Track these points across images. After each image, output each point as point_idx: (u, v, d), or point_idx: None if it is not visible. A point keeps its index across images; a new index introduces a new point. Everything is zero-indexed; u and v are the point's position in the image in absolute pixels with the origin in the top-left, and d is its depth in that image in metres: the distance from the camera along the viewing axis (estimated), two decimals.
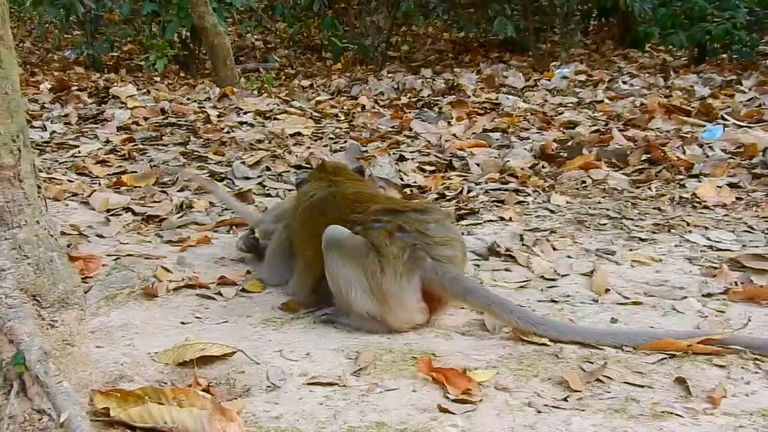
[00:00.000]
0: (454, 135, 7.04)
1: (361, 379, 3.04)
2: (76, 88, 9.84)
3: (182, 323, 3.63)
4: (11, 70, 2.74)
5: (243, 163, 6.09)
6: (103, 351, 3.33)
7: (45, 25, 15.45)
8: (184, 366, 3.20)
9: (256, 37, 13.82)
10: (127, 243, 4.69)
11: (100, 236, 4.80)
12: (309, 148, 6.51)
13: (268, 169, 6.03)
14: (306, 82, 10.33)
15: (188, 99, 8.50)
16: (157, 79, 10.35)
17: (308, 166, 6.06)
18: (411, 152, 6.46)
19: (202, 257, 4.37)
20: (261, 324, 3.60)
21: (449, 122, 7.53)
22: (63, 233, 4.82)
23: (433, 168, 6.07)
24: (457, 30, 13.36)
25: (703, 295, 3.96)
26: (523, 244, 4.55)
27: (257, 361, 3.23)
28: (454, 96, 9.02)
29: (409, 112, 7.97)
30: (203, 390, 3.02)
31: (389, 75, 10.32)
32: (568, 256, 4.46)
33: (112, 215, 5.16)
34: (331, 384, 3.00)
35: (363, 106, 8.26)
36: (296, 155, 6.25)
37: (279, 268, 3.98)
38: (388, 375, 3.13)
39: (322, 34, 12.70)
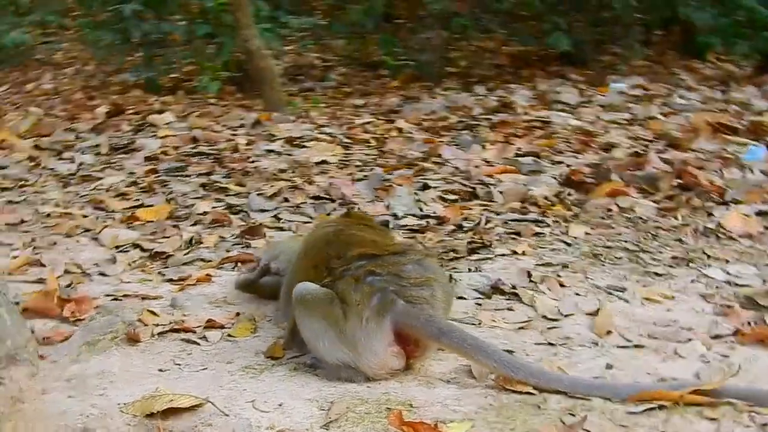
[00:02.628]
0: (485, 160, 6.95)
1: None
2: (131, 111, 9.95)
3: (160, 370, 3.62)
4: None
5: (261, 194, 6.08)
6: (72, 402, 3.35)
7: (104, 48, 15.68)
8: (152, 418, 3.18)
9: (315, 55, 13.85)
10: (129, 282, 4.70)
11: (103, 275, 4.82)
12: (332, 177, 6.48)
13: (286, 200, 6.02)
14: (360, 101, 10.30)
15: (223, 126, 8.52)
16: (213, 101, 10.40)
17: (327, 197, 6.03)
18: (436, 180, 6.40)
19: (198, 298, 4.36)
20: (240, 371, 3.58)
21: (483, 146, 7.44)
22: (67, 272, 4.84)
23: (455, 197, 6.00)
24: (515, 44, 13.22)
25: (711, 337, 3.85)
26: (531, 281, 4.47)
27: (227, 412, 3.21)
28: (504, 114, 8.90)
29: (446, 136, 7.89)
30: None
31: (443, 93, 10.24)
32: (577, 294, 4.38)
33: (120, 252, 5.17)
34: None
35: (400, 129, 8.20)
36: (318, 185, 6.23)
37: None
38: (359, 428, 3.09)
39: (381, 51, 12.68)
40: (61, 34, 16.98)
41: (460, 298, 4.31)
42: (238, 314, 4.15)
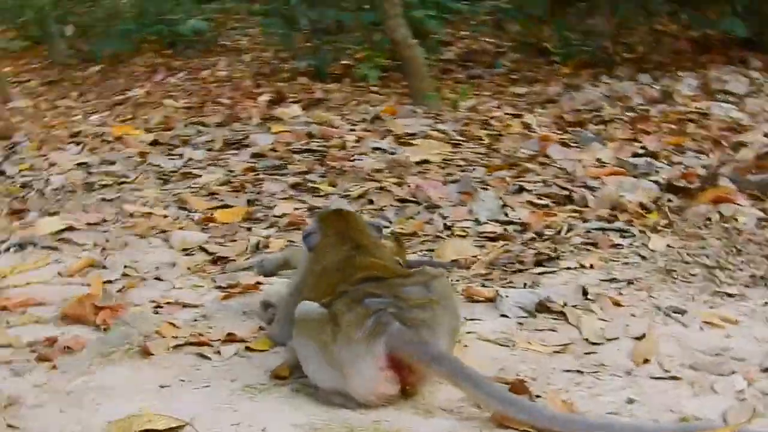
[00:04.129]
0: (598, 160, 6.68)
1: None
2: (292, 99, 10.08)
3: (161, 386, 3.60)
4: None
5: (345, 196, 6.01)
6: (60, 417, 3.36)
7: (276, 36, 15.99)
8: None
9: (490, 40, 13.70)
10: (180, 288, 4.73)
11: (159, 279, 4.85)
12: (427, 178, 6.35)
13: (370, 202, 5.93)
14: (522, 89, 10.13)
15: (345, 120, 8.49)
16: (375, 89, 10.44)
17: (413, 200, 5.91)
18: (534, 183, 6.18)
19: (233, 308, 4.34)
20: (240, 390, 3.54)
21: (604, 143, 7.16)
22: (124, 275, 4.90)
23: (547, 202, 5.78)
24: (695, 28, 12.68)
25: (761, 370, 3.58)
26: (586, 298, 4.25)
27: None
28: (663, 105, 8.56)
29: (571, 132, 7.63)
30: None
31: (607, 81, 9.94)
32: (632, 315, 4.16)
33: (186, 255, 5.19)
34: None
35: (526, 125, 7.98)
36: (406, 187, 6.11)
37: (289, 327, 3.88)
38: None
39: (553, 37, 12.43)
40: (245, 20, 17.34)
41: (503, 316, 4.14)
42: (261, 328, 4.06)
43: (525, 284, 4.49)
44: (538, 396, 3.43)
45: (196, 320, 4.24)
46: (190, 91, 11.55)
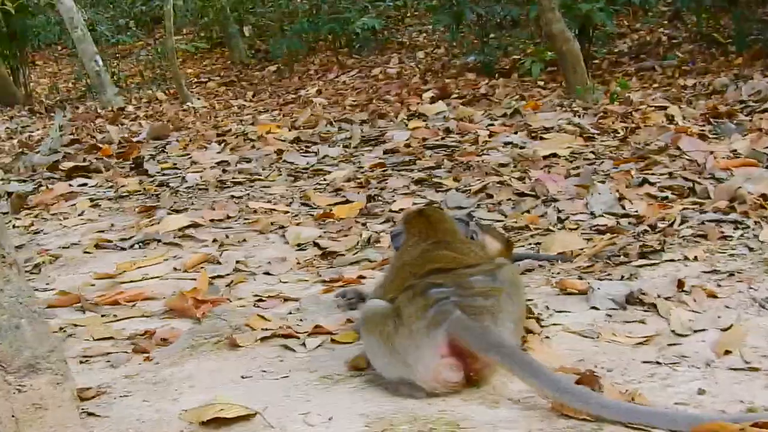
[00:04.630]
0: (733, 152, 6.55)
1: None
2: (456, 96, 10.24)
3: (242, 377, 3.73)
4: None
5: (465, 190, 6.07)
6: (142, 406, 3.53)
7: (445, 32, 16.20)
8: (207, 426, 3.31)
9: (664, 32, 13.53)
10: (286, 282, 4.88)
11: (268, 274, 5.02)
12: (548, 172, 6.36)
13: (489, 196, 5.98)
14: (691, 81, 10.01)
15: (486, 116, 8.56)
16: (541, 83, 10.50)
17: (532, 194, 5.93)
18: (659, 175, 6.12)
19: (328, 302, 4.46)
20: (316, 381, 3.63)
21: (744, 135, 7.00)
22: (236, 270, 5.09)
23: (669, 194, 5.72)
24: None
25: None
26: (682, 291, 4.21)
27: (274, 425, 3.29)
28: None
29: (714, 123, 7.49)
30: None
31: None
32: (727, 307, 4.09)
33: (299, 250, 5.35)
34: None
35: (669, 117, 7.87)
36: (527, 181, 6.14)
37: None
38: None
39: (730, 27, 12.17)
40: (422, 17, 17.58)
41: (593, 308, 4.14)
42: (349, 320, 4.18)
43: (622, 276, 4.46)
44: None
45: (290, 313, 4.37)
46: (359, 88, 11.78)
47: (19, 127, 12.28)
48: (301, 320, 4.23)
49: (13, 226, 6.47)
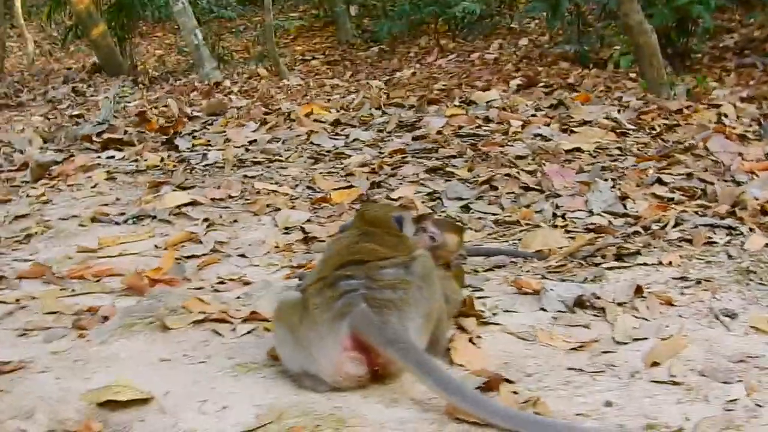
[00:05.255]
0: (767, 155, 6.32)
1: None
2: (542, 85, 10.15)
3: (161, 360, 3.73)
4: None
5: (470, 181, 5.98)
6: (49, 383, 3.55)
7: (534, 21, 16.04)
8: (102, 407, 3.32)
9: None
10: (257, 266, 4.87)
11: (243, 256, 5.02)
12: (564, 166, 6.21)
13: (493, 188, 5.87)
14: None
15: (531, 106, 8.42)
16: (633, 75, 10.33)
17: (537, 188, 5.82)
18: (676, 175, 5.94)
19: (281, 287, 4.43)
20: (229, 369, 3.61)
21: None
22: (213, 251, 5.11)
23: (678, 195, 5.54)
24: None
25: None
26: (640, 296, 4.09)
27: (167, 411, 3.28)
28: None
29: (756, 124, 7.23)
30: None
31: None
32: (680, 316, 3.97)
33: (285, 233, 5.34)
34: None
35: (721, 116, 7.62)
36: (537, 175, 6.01)
37: None
38: None
39: None
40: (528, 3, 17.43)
41: (542, 309, 4.03)
42: None
43: (586, 278, 4.36)
44: (514, 392, 3.31)
45: (239, 297, 4.33)
46: (452, 73, 11.73)
47: (117, 97, 12.48)
48: (243, 305, 4.17)
49: (27, 195, 6.56)
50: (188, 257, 5.00)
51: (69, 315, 4.27)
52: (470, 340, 3.76)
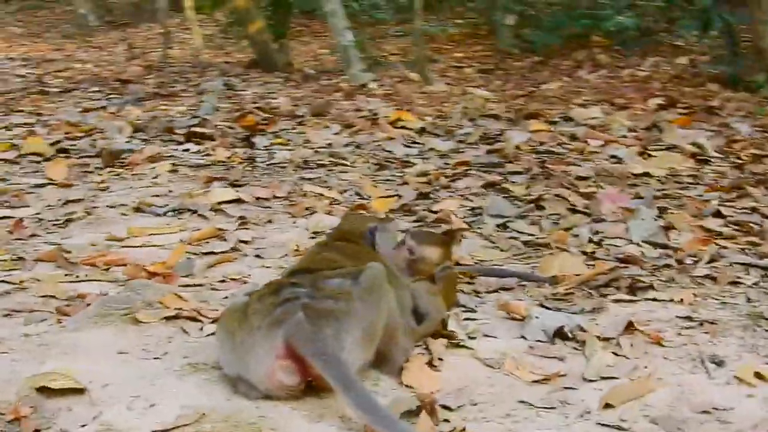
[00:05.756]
0: None
1: None
2: (680, 105, 9.97)
3: (119, 353, 3.75)
4: None
5: (521, 199, 5.85)
6: (6, 365, 3.60)
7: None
8: (39, 393, 3.35)
9: None
10: (264, 267, 4.86)
11: (258, 257, 5.01)
12: (622, 190, 6.00)
13: (540, 208, 5.72)
14: None
15: (627, 126, 8.18)
16: None
17: (584, 210, 5.65)
18: (740, 209, 5.69)
19: None
20: (178, 368, 3.60)
21: None
22: (233, 249, 5.12)
23: (730, 230, 5.31)
24: None
25: None
26: (628, 333, 3.93)
27: (95, 403, 3.31)
28: None
29: None
30: (12, 420, 3.19)
31: None
32: (664, 357, 3.79)
33: (312, 237, 5.32)
34: None
35: None
36: (591, 197, 5.83)
37: None
38: None
39: None
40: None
41: (522, 337, 3.90)
42: None
43: (583, 309, 4.17)
44: (445, 420, 3.20)
45: (226, 297, 4.32)
46: (597, 88, 11.56)
47: (266, 92, 12.69)
48: (222, 305, 4.16)
49: (90, 181, 6.69)
50: (206, 253, 4.99)
51: (60, 300, 4.31)
52: (430, 362, 3.62)
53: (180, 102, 10.71)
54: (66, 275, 4.69)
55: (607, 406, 3.36)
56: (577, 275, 4.61)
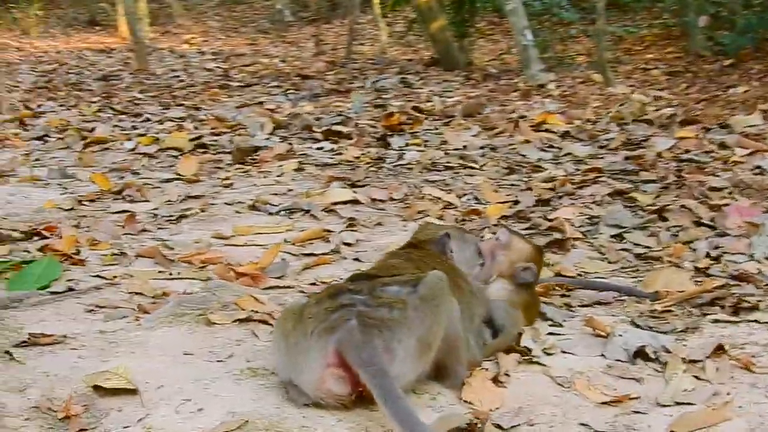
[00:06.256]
0: None
1: None
2: None
3: (185, 353, 3.77)
4: None
5: (644, 209, 5.65)
6: (66, 361, 3.66)
7: None
8: (95, 391, 3.40)
9: None
10: (354, 270, 4.81)
11: (357, 260, 4.99)
12: (756, 204, 5.71)
13: (663, 219, 5.51)
14: None
15: None
16: None
17: (709, 224, 5.40)
18: None
19: None
20: (238, 372, 3.58)
21: None
22: (333, 251, 5.10)
23: None
24: None
25: None
26: (717, 356, 3.73)
27: (144, 405, 3.33)
28: None
29: None
30: (63, 418, 3.25)
31: None
32: (751, 385, 3.60)
33: None
34: None
35: None
36: (724, 207, 5.59)
37: None
38: None
39: None
40: None
41: (602, 356, 3.75)
42: None
43: (675, 328, 3.98)
44: None
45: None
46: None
47: (442, 91, 12.76)
48: None
49: (216, 177, 6.79)
50: (306, 255, 4.95)
51: (146, 297, 4.35)
52: (495, 378, 3.49)
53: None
54: (159, 272, 4.70)
55: None
56: (680, 292, 4.37)
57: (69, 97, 12.39)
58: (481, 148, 7.59)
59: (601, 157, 7.14)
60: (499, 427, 3.21)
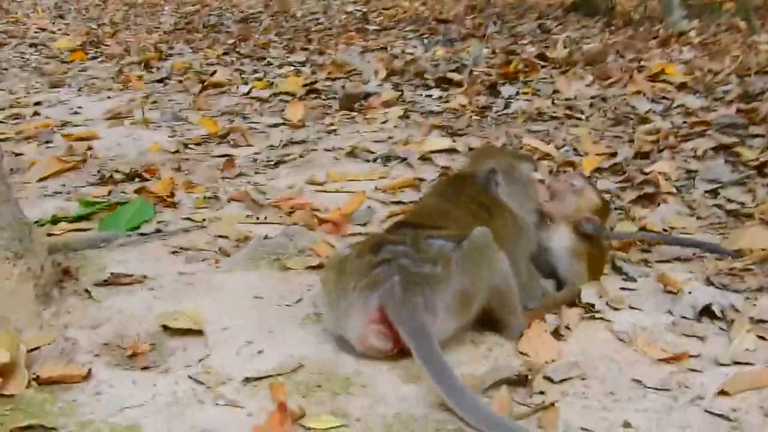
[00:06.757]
0: None
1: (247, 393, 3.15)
2: None
3: (255, 297, 3.89)
4: None
5: (742, 163, 5.56)
6: (142, 301, 3.83)
7: None
8: (163, 331, 3.58)
9: None
10: None
11: None
12: None
13: (764, 176, 5.41)
14: None
15: None
16: None
17: None
18: None
19: None
20: (304, 316, 3.68)
21: None
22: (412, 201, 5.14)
23: None
24: None
25: None
26: None
27: (208, 345, 3.48)
28: None
29: None
30: (130, 355, 3.42)
31: None
32: None
33: None
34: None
35: None
36: None
37: None
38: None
39: None
40: None
41: (669, 312, 3.77)
42: None
43: (749, 287, 3.95)
44: (540, 392, 3.16)
45: None
46: None
47: (579, 37, 12.65)
48: None
49: (322, 123, 6.90)
50: (395, 203, 5.02)
51: (230, 241, 4.47)
52: (556, 331, 3.53)
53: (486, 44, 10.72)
54: (246, 216, 4.82)
55: (722, 393, 3.14)
56: (763, 250, 4.32)
57: (206, 39, 12.58)
58: (592, 98, 7.51)
59: (715, 110, 6.99)
60: (549, 380, 3.23)
